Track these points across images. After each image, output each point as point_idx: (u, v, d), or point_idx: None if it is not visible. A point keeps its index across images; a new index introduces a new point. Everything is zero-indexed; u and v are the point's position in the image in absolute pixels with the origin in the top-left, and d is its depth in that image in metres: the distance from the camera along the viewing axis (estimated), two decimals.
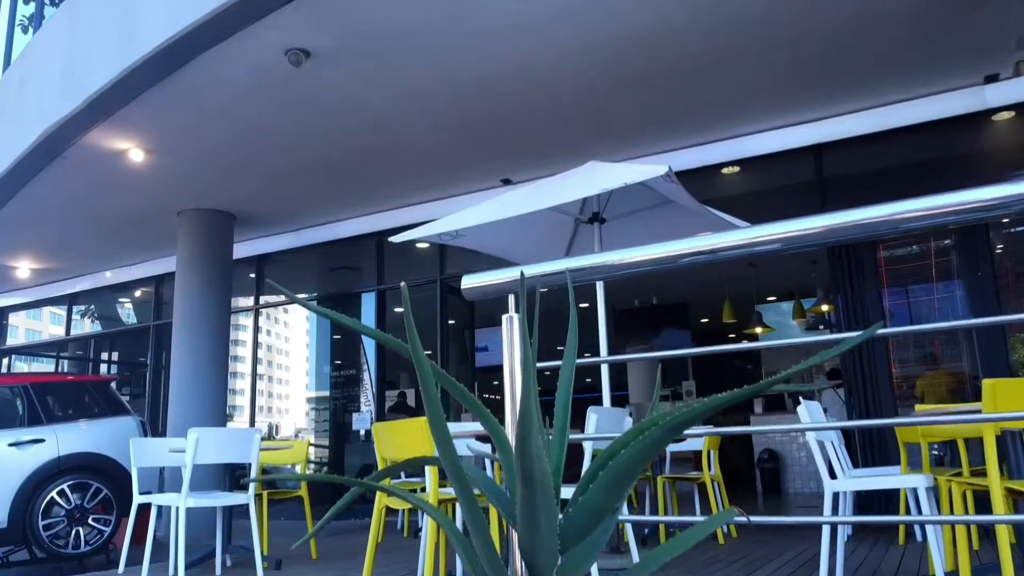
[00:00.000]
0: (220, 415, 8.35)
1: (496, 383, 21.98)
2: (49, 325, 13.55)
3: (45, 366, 13.30)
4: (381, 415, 9.12)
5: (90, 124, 6.45)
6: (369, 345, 9.52)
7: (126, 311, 12.01)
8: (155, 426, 10.15)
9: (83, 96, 6.11)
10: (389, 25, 5.21)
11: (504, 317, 1.54)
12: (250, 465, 4.43)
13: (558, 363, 1.17)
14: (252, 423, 9.97)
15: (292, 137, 6.94)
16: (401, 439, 3.99)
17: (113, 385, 7.49)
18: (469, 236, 4.84)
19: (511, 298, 1.73)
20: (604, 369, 4.85)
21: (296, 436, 11.61)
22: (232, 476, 5.34)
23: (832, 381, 9.88)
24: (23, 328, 13.60)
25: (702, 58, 5.75)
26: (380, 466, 6.03)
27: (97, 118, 6.37)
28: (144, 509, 4.82)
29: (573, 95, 6.27)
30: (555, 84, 6.06)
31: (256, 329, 10.06)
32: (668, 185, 3.77)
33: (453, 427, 4.17)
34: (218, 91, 6.02)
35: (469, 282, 1.83)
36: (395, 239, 4.56)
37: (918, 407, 7.38)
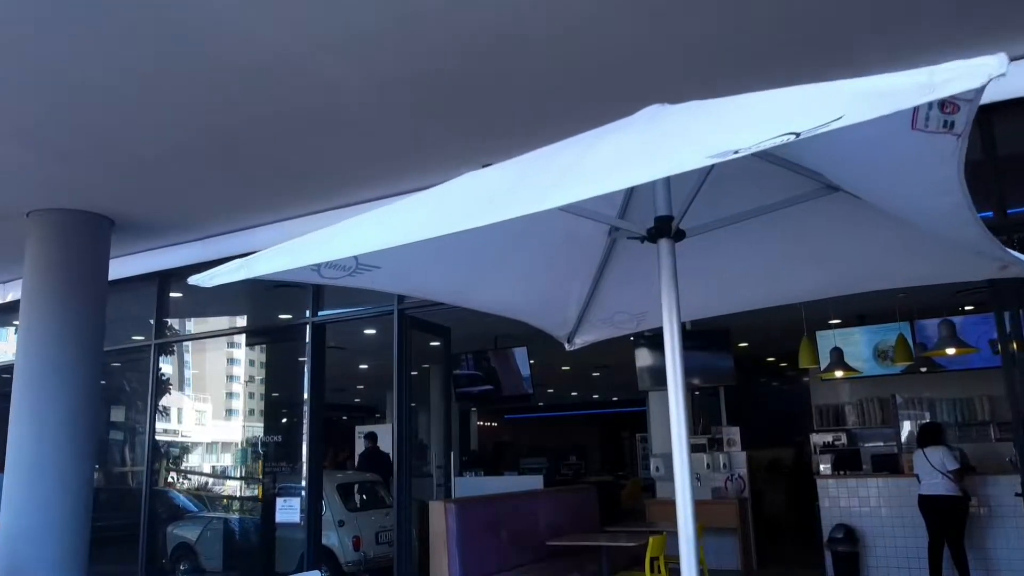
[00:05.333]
0: (79, 508, 5.78)
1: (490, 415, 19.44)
2: None
3: None
4: (316, 500, 6.54)
5: None
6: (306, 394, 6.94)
7: None
8: None
9: None
10: None
11: None
12: None
13: None
14: (148, 488, 7.33)
15: (158, 103, 4.38)
16: None
17: None
18: (386, 267, 2.32)
19: None
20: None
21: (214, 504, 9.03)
22: None
23: (934, 445, 7.10)
24: None
25: None
26: None
27: None
28: None
29: (595, 29, 3.72)
30: (563, 15, 3.51)
31: (156, 367, 7.48)
32: (914, 136, 1.21)
33: None
34: None
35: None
36: (196, 280, 2.02)
37: None
